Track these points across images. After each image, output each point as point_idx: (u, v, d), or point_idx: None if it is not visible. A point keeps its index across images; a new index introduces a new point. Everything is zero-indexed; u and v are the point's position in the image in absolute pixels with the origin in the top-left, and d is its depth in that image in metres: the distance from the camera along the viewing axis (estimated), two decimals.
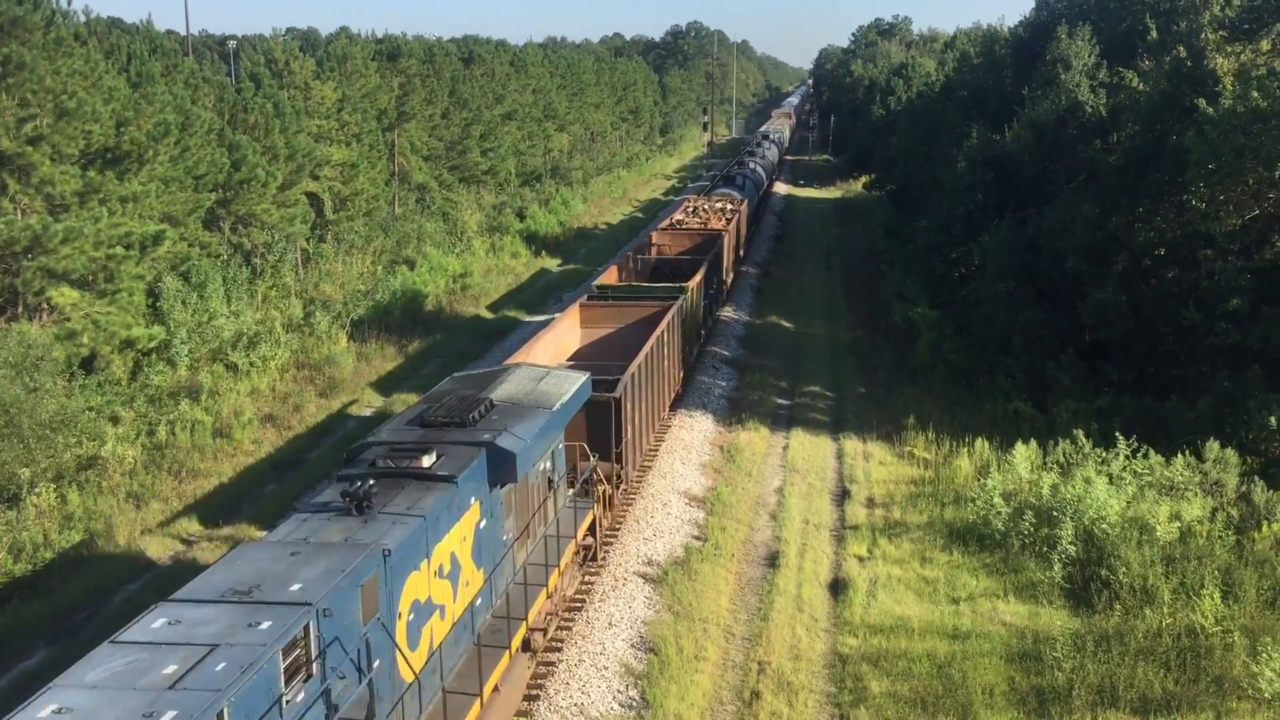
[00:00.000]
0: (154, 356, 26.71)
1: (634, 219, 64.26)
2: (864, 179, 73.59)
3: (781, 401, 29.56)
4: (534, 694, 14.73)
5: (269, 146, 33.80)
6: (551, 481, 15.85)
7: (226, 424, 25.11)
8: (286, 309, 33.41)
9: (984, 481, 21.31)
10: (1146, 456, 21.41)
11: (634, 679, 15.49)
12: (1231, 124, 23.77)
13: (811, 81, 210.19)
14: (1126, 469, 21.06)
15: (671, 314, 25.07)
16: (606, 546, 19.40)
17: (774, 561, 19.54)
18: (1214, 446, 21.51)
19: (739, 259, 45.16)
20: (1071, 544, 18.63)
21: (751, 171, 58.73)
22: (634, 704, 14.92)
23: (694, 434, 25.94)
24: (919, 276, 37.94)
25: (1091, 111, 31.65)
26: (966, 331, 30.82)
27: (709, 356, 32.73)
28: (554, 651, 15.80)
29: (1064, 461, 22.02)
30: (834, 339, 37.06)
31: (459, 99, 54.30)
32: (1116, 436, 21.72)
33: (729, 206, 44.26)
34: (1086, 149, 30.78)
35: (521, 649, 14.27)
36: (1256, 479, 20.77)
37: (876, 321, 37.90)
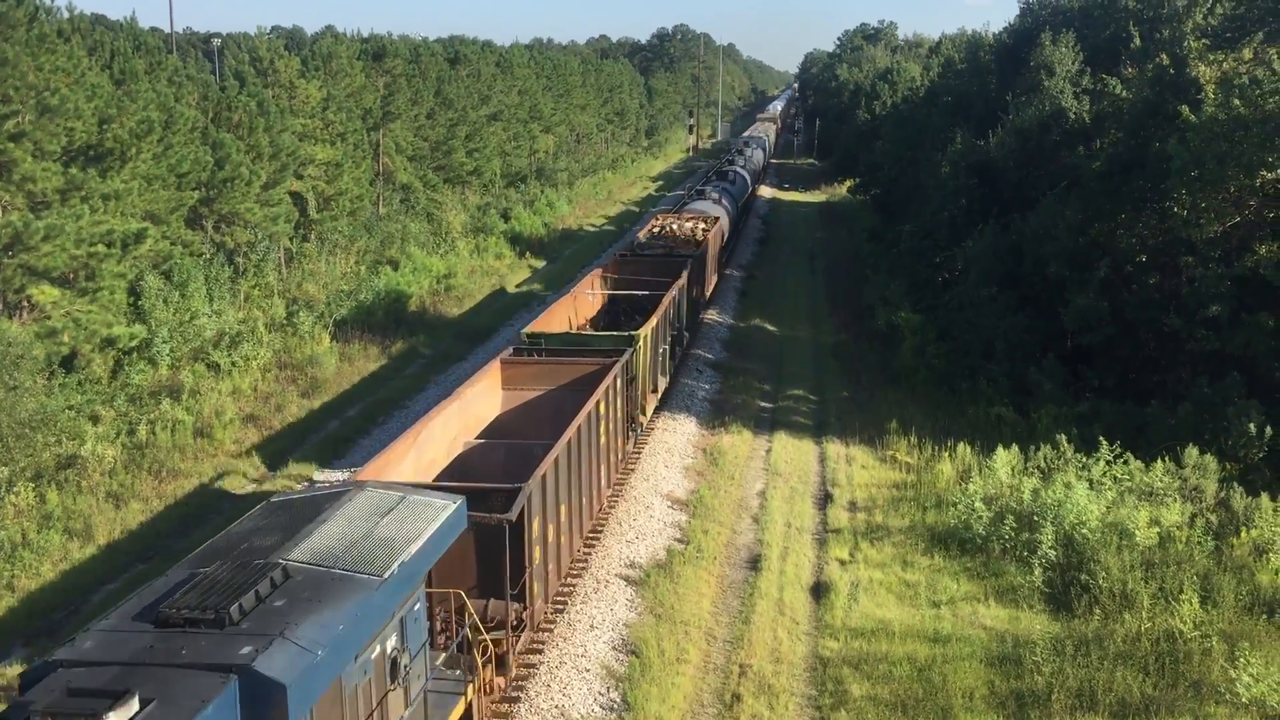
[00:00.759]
0: (135, 355, 26.57)
1: (619, 221, 64.26)
2: (849, 183, 73.78)
3: (765, 405, 29.60)
4: (515, 696, 14.69)
5: (253, 145, 33.66)
6: (397, 666, 10.81)
7: (208, 424, 24.99)
8: (269, 308, 33.28)
9: (965, 486, 21.38)
10: (1127, 462, 21.53)
11: (615, 681, 15.48)
12: (1213, 131, 23.94)
13: (797, 85, 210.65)
14: (1107, 474, 21.16)
15: (615, 374, 20.41)
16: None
17: (756, 564, 19.56)
18: (1193, 452, 21.65)
19: (718, 281, 41.32)
20: (1052, 548, 18.71)
21: (731, 182, 55.35)
22: (615, 706, 14.91)
23: (677, 436, 25.95)
24: (903, 281, 38.05)
25: (1075, 118, 31.83)
26: (949, 336, 30.93)
27: (691, 359, 32.74)
28: (535, 654, 15.77)
29: (1045, 466, 22.12)
30: (817, 342, 37.13)
31: (444, 99, 54.20)
32: (1098, 441, 21.83)
33: (700, 226, 38.88)
34: (1070, 155, 30.95)
35: None
36: (1235, 485, 20.92)
37: (860, 325, 38.01)
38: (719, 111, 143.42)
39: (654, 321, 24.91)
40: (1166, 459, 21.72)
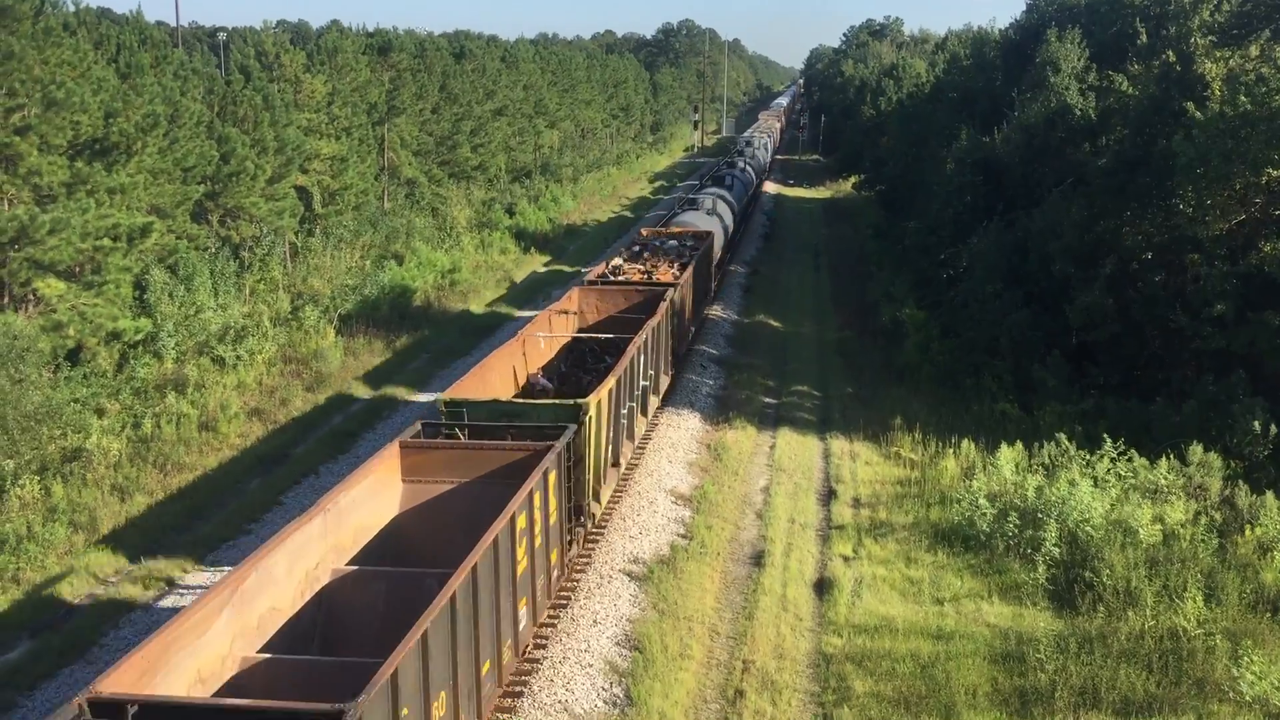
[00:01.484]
0: (140, 349, 26.62)
1: (623, 217, 64.26)
2: (853, 179, 73.74)
3: (769, 401, 29.60)
4: (518, 691, 14.73)
5: (258, 139, 33.69)
6: None
7: (212, 417, 25.03)
8: (274, 303, 33.31)
9: (969, 483, 21.38)
10: (1131, 459, 21.52)
11: (619, 676, 15.50)
12: (1219, 128, 23.88)
13: (802, 81, 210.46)
14: (1111, 471, 21.15)
15: (546, 467, 15.15)
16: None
17: (760, 560, 19.57)
18: (1198, 450, 21.63)
19: (697, 315, 33.78)
20: (1056, 546, 18.71)
21: (729, 187, 51.75)
22: (619, 701, 14.93)
23: (681, 432, 25.97)
24: (907, 277, 38.01)
25: (1080, 115, 31.76)
26: (954, 333, 30.90)
27: (696, 355, 32.74)
28: (539, 649, 15.80)
29: (1049, 463, 22.11)
30: (822, 339, 37.12)
31: (450, 94, 54.20)
32: (1102, 439, 21.82)
33: (687, 245, 34.97)
34: (1075, 152, 30.90)
35: None
36: (1240, 483, 20.90)
37: (864, 322, 37.98)
38: (724, 107, 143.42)
39: (611, 383, 19.32)
40: (1171, 456, 21.71)
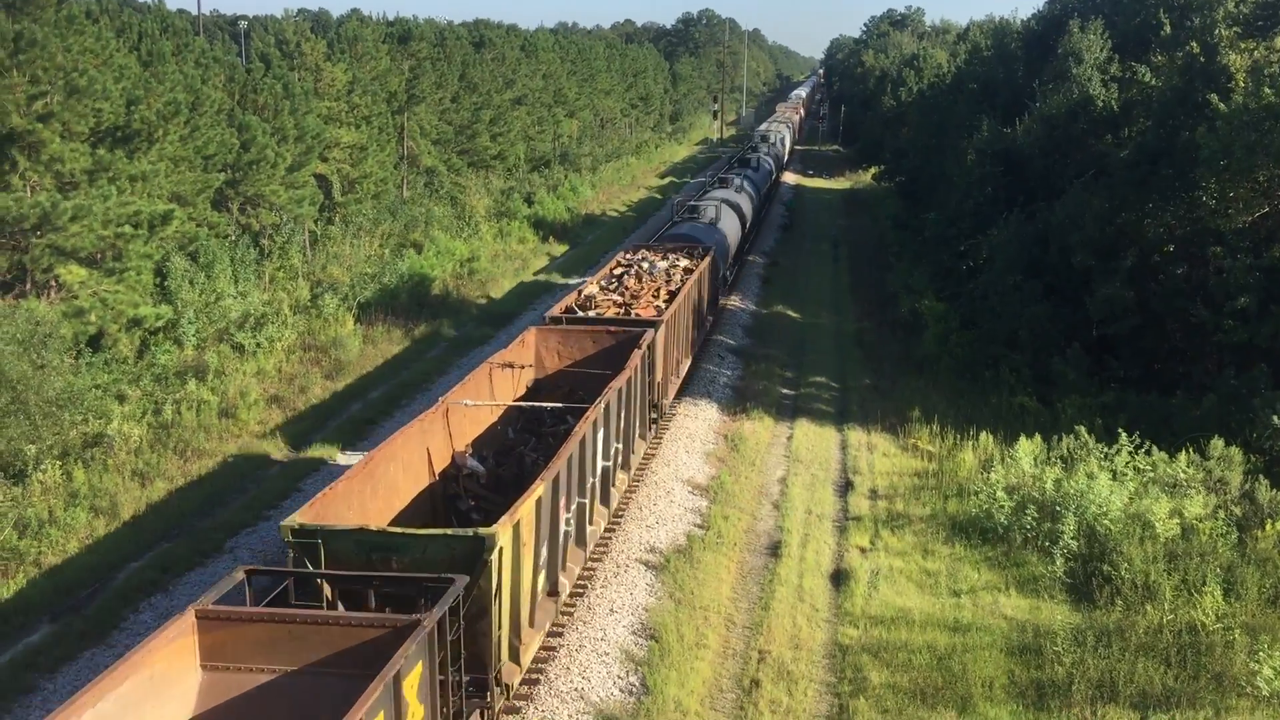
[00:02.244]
0: (161, 336, 26.77)
1: (641, 207, 64.20)
2: (873, 170, 73.48)
3: (786, 391, 29.57)
4: (534, 678, 14.79)
5: (278, 127, 33.79)
6: None
7: (232, 404, 25.17)
8: (294, 290, 33.44)
9: (987, 475, 21.33)
10: (1150, 453, 21.42)
11: (635, 665, 15.54)
12: (1243, 120, 23.69)
13: (823, 71, 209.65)
14: (1130, 465, 21.06)
15: (401, 665, 9.38)
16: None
17: (776, 551, 19.58)
18: (1218, 444, 21.50)
19: (699, 336, 29.05)
20: (1074, 539, 18.65)
21: (738, 188, 45.91)
22: (634, 690, 14.97)
23: (698, 422, 25.97)
24: (927, 269, 37.88)
25: (1103, 106, 31.55)
26: (973, 325, 30.78)
27: (713, 345, 32.72)
28: (555, 637, 15.86)
29: (1068, 456, 22.02)
30: (840, 330, 37.04)
31: (469, 83, 54.23)
32: (1119, 432, 21.72)
33: (680, 265, 29.57)
34: (1097, 144, 30.70)
35: None
36: (1260, 478, 20.75)
37: (883, 313, 37.87)
38: (744, 97, 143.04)
39: (540, 491, 13.37)
40: (1191, 450, 21.60)
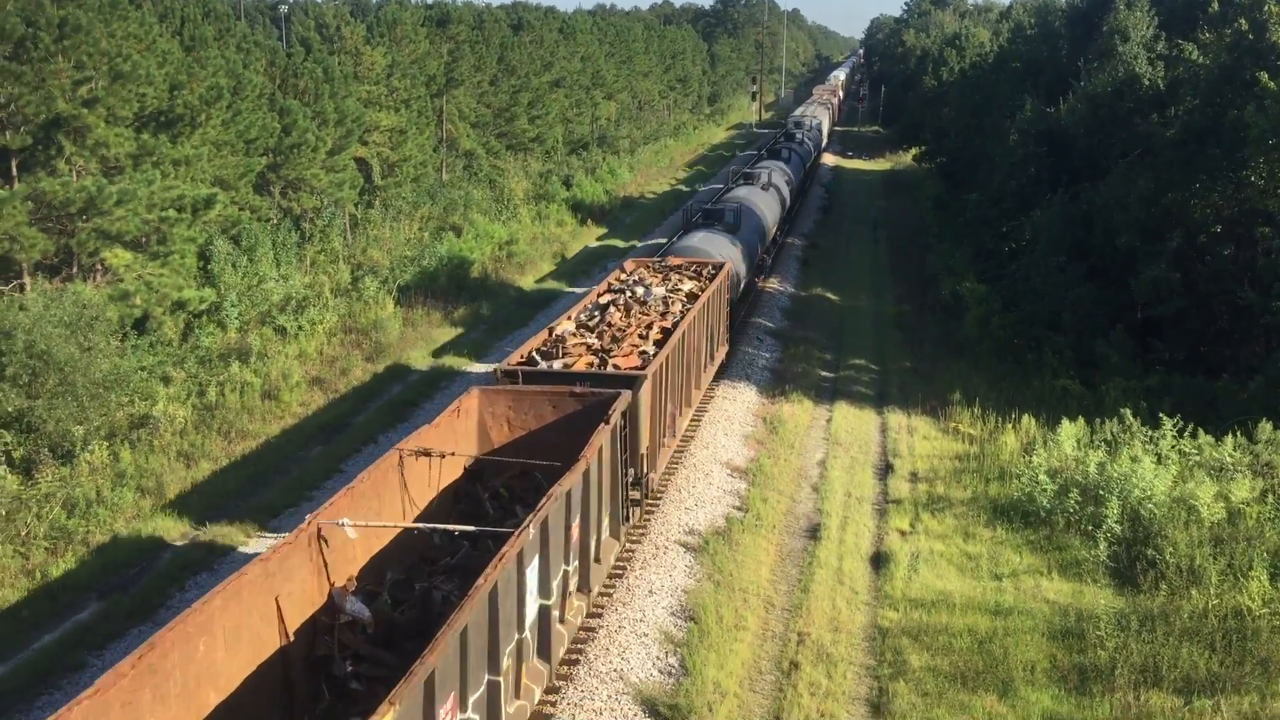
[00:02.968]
0: (205, 318, 27.07)
1: (678, 190, 64.04)
2: (913, 151, 72.84)
3: (825, 374, 29.45)
4: (574, 659, 14.86)
5: (319, 111, 33.98)
6: None
7: (275, 386, 25.42)
8: (334, 274, 33.68)
9: (1029, 458, 21.14)
10: (1195, 436, 21.15)
11: (674, 646, 15.58)
12: None
13: (863, 51, 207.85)
14: (1174, 448, 20.81)
15: None
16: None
17: (815, 534, 19.53)
18: (1266, 427, 21.19)
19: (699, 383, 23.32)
20: (1117, 523, 18.47)
21: (765, 186, 39.67)
22: (674, 671, 15.01)
23: (736, 405, 25.93)
24: (968, 250, 37.54)
25: (1149, 84, 31.07)
26: (1015, 307, 30.49)
27: (752, 328, 32.63)
28: (594, 618, 15.92)
29: (1111, 440, 21.79)
30: (880, 312, 36.82)
31: (507, 66, 54.24)
32: (1167, 415, 21.46)
33: (683, 290, 23.97)
34: (1143, 123, 30.24)
35: None
36: None
37: (923, 295, 37.59)
38: (782, 78, 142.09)
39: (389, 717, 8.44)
40: (1237, 434, 21.30)
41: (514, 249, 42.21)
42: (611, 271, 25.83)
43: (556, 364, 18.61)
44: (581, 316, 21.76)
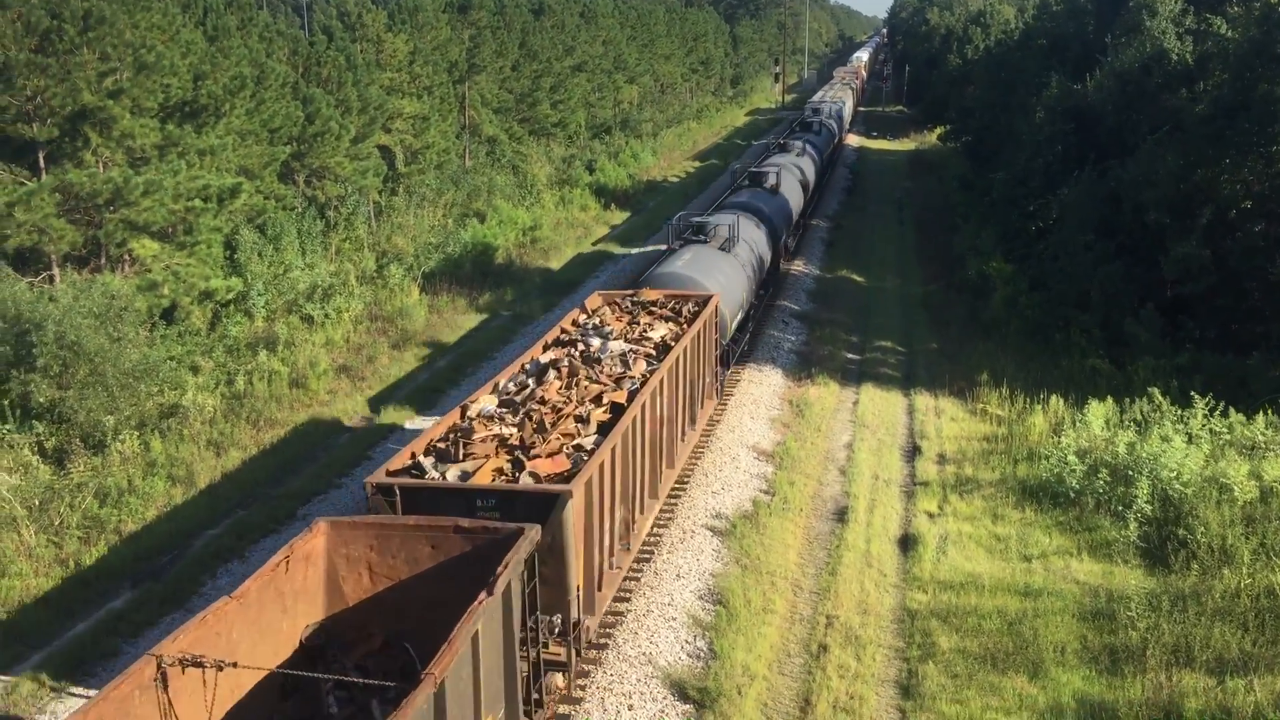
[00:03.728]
0: (232, 308, 27.23)
1: (702, 173, 63.83)
2: (939, 130, 72.31)
3: (852, 356, 29.34)
4: (603, 643, 14.90)
5: (342, 99, 34.04)
6: None
7: (302, 374, 25.56)
8: (359, 261, 33.79)
9: (1058, 439, 21.02)
10: (1226, 415, 20.95)
11: (702, 630, 15.60)
12: None
13: (886, 31, 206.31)
14: (1205, 427, 20.62)
15: None
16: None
17: (843, 516, 19.49)
18: None
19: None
20: (1147, 503, 18.34)
21: (769, 192, 35.27)
22: (702, 654, 15.04)
23: (762, 388, 25.87)
24: (994, 230, 37.26)
25: (1177, 60, 30.68)
26: (1043, 286, 30.26)
27: (778, 310, 32.52)
28: (622, 601, 15.95)
29: (1141, 419, 21.61)
30: (906, 293, 36.62)
31: (529, 51, 54.15)
32: (1198, 393, 21.26)
33: (653, 338, 19.34)
34: (1171, 99, 29.87)
35: None
36: None
37: (950, 276, 37.35)
38: (805, 59, 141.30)
39: None
40: (1269, 412, 21.08)
41: (538, 234, 42.22)
42: (570, 313, 21.12)
43: (453, 471, 13.60)
44: (511, 385, 16.78)
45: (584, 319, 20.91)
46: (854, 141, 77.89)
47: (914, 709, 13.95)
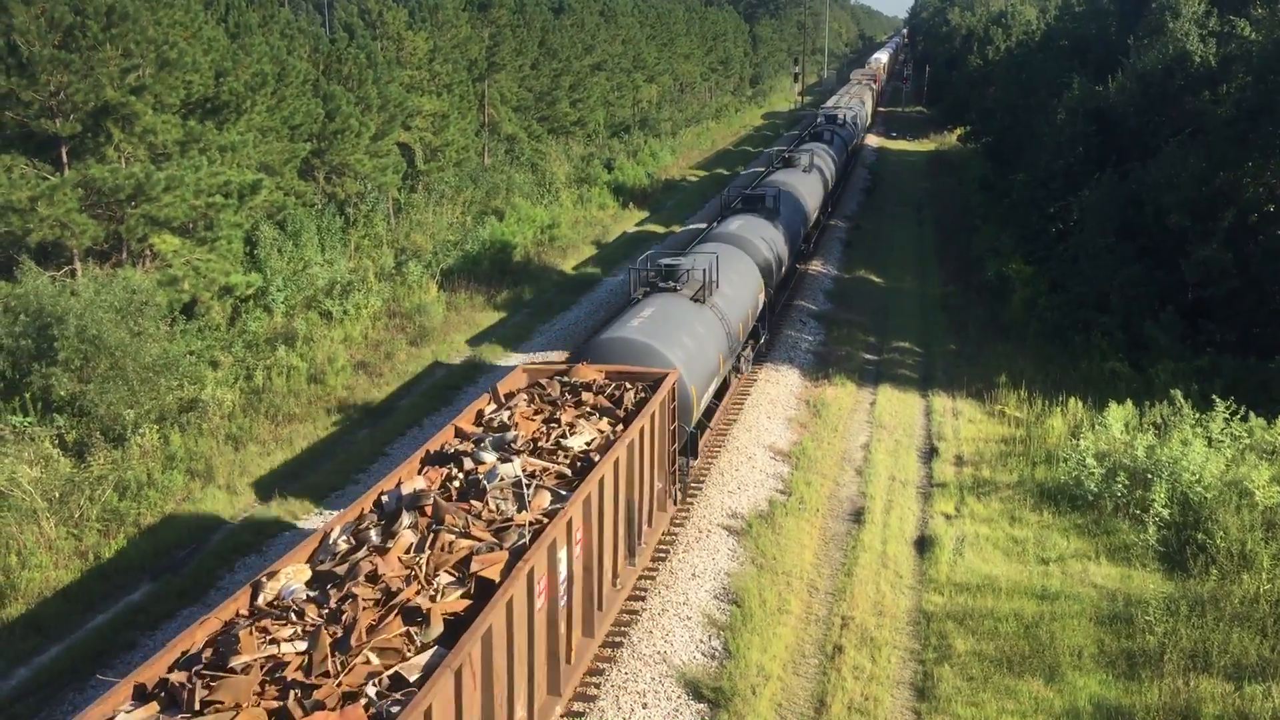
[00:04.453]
0: (251, 303, 27.35)
1: (720, 174, 63.78)
2: (959, 131, 72.05)
3: (869, 357, 29.27)
4: (617, 641, 14.91)
5: (362, 97, 34.15)
6: None
7: (320, 370, 25.65)
8: (378, 258, 33.90)
9: (1076, 442, 20.91)
10: (1247, 419, 20.82)
11: (717, 629, 15.59)
12: None
13: (906, 31, 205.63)
14: (1225, 431, 20.50)
15: None
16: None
17: (859, 517, 19.45)
18: None
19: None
20: (1166, 507, 18.24)
21: (779, 208, 31.32)
22: (717, 654, 15.03)
23: (780, 388, 25.84)
24: (1014, 231, 37.11)
25: (1200, 62, 30.49)
26: (1062, 288, 30.13)
27: (795, 310, 32.46)
28: (638, 600, 15.95)
29: (1160, 423, 21.50)
30: (924, 294, 36.51)
31: (549, 49, 54.21)
32: (1218, 397, 21.13)
33: (575, 447, 14.16)
34: (1194, 101, 29.69)
35: None
36: None
37: (969, 277, 37.23)
38: (825, 59, 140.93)
39: None
40: None
41: (556, 233, 42.26)
42: (476, 401, 15.92)
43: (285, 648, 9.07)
44: (343, 542, 11.22)
45: (490, 411, 15.63)
46: (873, 142, 77.72)
47: (929, 711, 13.91)
